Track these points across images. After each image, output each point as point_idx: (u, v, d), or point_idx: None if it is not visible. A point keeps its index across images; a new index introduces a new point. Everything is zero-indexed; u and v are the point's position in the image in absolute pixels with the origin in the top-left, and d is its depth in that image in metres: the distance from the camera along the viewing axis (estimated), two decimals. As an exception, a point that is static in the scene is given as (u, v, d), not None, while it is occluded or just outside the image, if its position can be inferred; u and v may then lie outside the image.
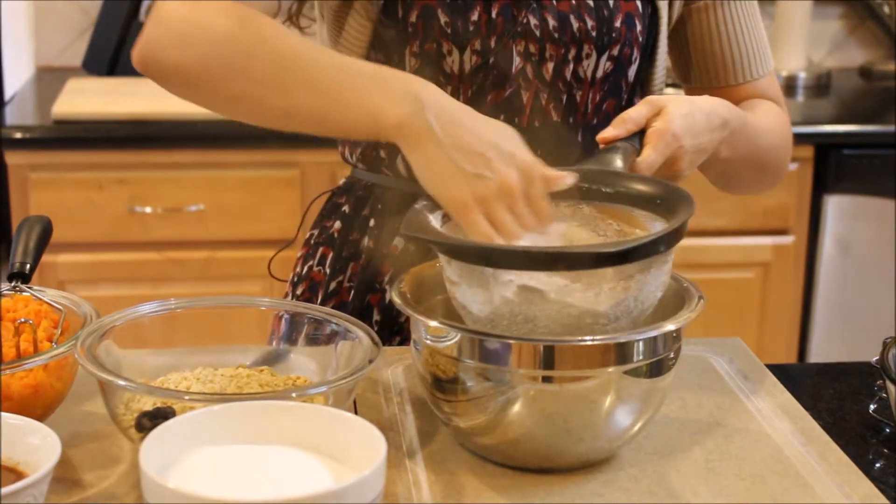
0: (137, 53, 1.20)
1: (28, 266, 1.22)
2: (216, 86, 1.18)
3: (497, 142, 1.11)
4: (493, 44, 1.33)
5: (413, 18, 1.33)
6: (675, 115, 1.23)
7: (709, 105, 1.28)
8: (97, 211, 2.62)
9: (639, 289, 1.08)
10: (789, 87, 3.11)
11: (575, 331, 1.06)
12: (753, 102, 1.44)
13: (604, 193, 1.17)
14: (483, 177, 1.09)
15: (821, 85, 3.14)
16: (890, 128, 2.83)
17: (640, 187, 1.17)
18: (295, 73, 1.15)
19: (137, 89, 2.78)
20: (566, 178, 1.14)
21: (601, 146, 1.23)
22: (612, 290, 1.06)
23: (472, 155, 1.10)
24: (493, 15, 1.32)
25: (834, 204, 2.83)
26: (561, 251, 1.09)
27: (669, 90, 2.88)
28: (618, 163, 1.20)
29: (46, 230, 1.27)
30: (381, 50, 1.36)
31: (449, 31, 1.32)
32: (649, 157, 1.22)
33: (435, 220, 1.13)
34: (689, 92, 1.49)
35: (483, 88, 1.34)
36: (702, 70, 1.45)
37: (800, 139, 2.82)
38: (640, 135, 1.24)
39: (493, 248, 1.08)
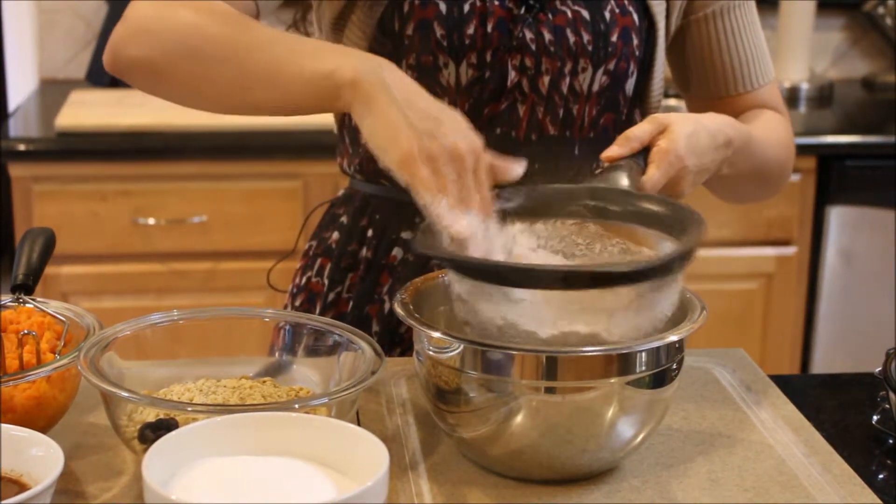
0: (105, 55, 1.23)
1: (31, 278, 1.22)
2: (174, 69, 1.20)
3: (451, 115, 1.11)
4: (488, 57, 1.33)
5: (409, 31, 1.33)
6: (680, 135, 1.22)
7: (714, 124, 1.27)
8: (100, 222, 2.63)
9: (650, 308, 1.07)
10: (792, 98, 3.11)
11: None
12: (755, 113, 1.44)
13: (611, 211, 1.17)
14: (433, 135, 1.08)
15: (823, 96, 3.15)
16: (892, 139, 2.83)
17: (650, 206, 1.16)
18: (252, 44, 1.17)
19: (141, 101, 2.77)
20: (513, 169, 1.12)
21: (605, 164, 1.23)
22: (625, 312, 1.05)
23: (424, 115, 1.09)
24: (489, 29, 1.32)
25: (837, 215, 2.83)
26: (575, 269, 1.08)
27: (672, 101, 2.88)
28: (624, 181, 1.20)
29: (50, 242, 1.28)
30: None
31: (445, 44, 1.32)
32: (654, 176, 1.21)
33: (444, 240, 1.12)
34: (689, 102, 1.49)
35: (479, 101, 1.34)
36: (701, 80, 1.45)
37: (802, 150, 2.80)
38: (644, 152, 1.24)
39: (505, 266, 1.07)
